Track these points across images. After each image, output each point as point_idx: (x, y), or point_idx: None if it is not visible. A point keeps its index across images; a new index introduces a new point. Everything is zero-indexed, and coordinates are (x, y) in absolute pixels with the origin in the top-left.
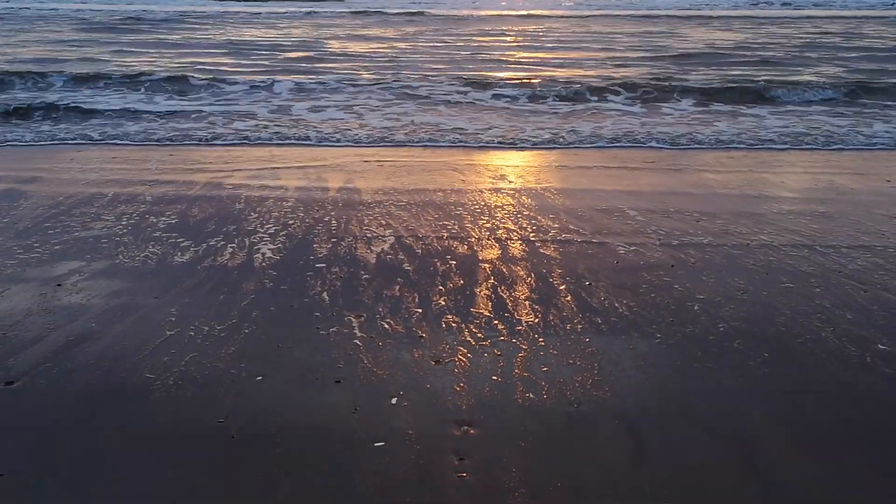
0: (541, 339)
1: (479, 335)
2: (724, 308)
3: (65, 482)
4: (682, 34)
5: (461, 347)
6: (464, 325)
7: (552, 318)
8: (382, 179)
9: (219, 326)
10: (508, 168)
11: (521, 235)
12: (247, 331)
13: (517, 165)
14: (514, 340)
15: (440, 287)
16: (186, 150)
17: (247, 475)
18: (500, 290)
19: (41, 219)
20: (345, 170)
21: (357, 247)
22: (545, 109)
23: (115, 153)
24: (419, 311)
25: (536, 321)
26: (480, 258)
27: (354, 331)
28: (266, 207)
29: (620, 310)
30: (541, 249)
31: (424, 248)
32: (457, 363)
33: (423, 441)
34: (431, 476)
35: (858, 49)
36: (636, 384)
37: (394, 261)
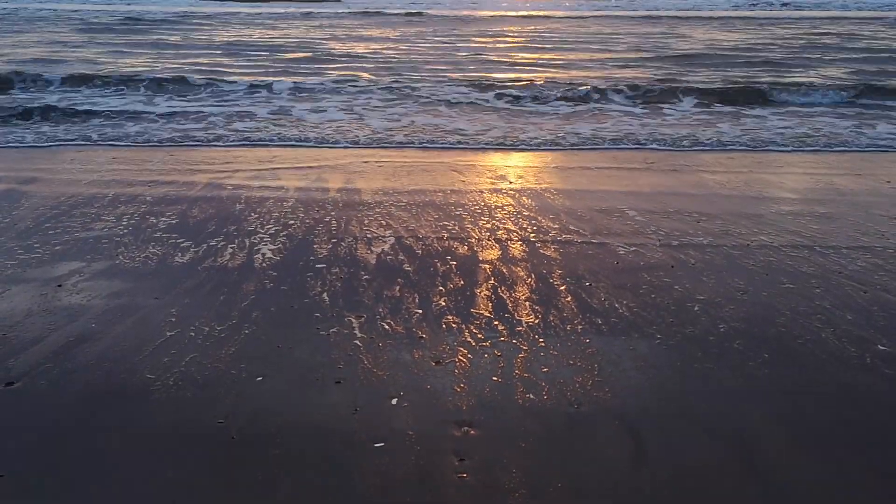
0: (541, 340)
1: (480, 336)
2: (725, 309)
3: (65, 482)
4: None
5: (461, 348)
6: (464, 326)
7: (552, 319)
8: (382, 180)
9: (219, 327)
10: (509, 169)
11: (522, 236)
12: (247, 331)
13: (517, 166)
14: (515, 341)
15: (440, 288)
16: (186, 151)
17: (247, 475)
18: (501, 291)
19: (41, 219)
20: (345, 170)
21: (357, 247)
22: (546, 110)
23: (116, 154)
24: (419, 312)
25: (536, 322)
26: (481, 259)
27: (355, 331)
28: (266, 208)
29: (620, 310)
30: (541, 250)
31: (425, 249)
32: (457, 364)
33: (424, 442)
34: (431, 476)
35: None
36: (636, 385)
37: (394, 261)
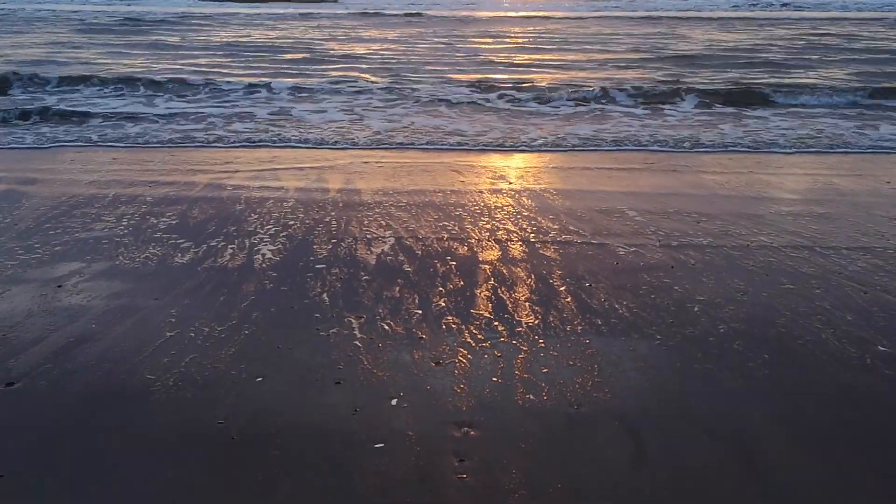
0: (541, 341)
1: (480, 336)
2: (724, 309)
3: (65, 482)
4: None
5: (461, 349)
6: (464, 327)
7: (552, 320)
8: (382, 180)
9: (219, 328)
10: (509, 169)
11: (521, 236)
12: (247, 332)
13: (517, 167)
14: (514, 342)
15: (440, 288)
16: (186, 152)
17: (247, 476)
18: (500, 292)
19: (42, 220)
20: (345, 171)
21: (357, 248)
22: (546, 111)
23: (116, 154)
24: (419, 313)
25: (536, 322)
26: (480, 259)
27: (354, 332)
28: (266, 208)
29: (620, 311)
30: (541, 251)
31: (424, 250)
32: (457, 364)
33: (424, 442)
34: (431, 477)
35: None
36: (636, 385)
37: (394, 262)
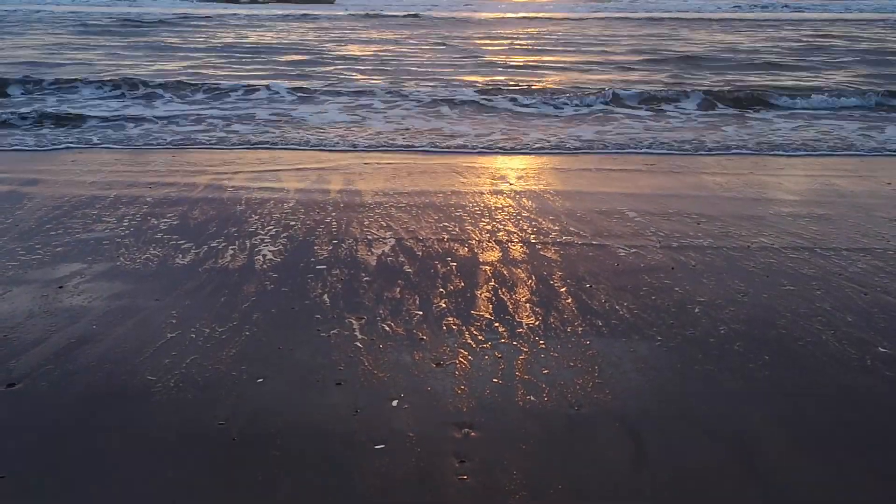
0: (541, 342)
1: (480, 337)
2: (725, 310)
3: (66, 483)
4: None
5: (462, 350)
6: (464, 328)
7: (553, 321)
8: (383, 181)
9: (220, 328)
10: (509, 171)
11: (522, 238)
12: (248, 333)
13: (518, 168)
14: (515, 343)
15: (441, 289)
16: (187, 153)
17: (247, 476)
18: (501, 293)
19: (43, 221)
20: (345, 172)
21: (358, 249)
22: (547, 112)
23: (116, 156)
24: (420, 314)
25: (537, 324)
26: (481, 260)
27: (355, 333)
28: (267, 209)
29: (621, 312)
30: (541, 252)
31: (425, 251)
32: (457, 366)
33: (424, 443)
34: (432, 478)
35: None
36: (637, 387)
37: (394, 263)
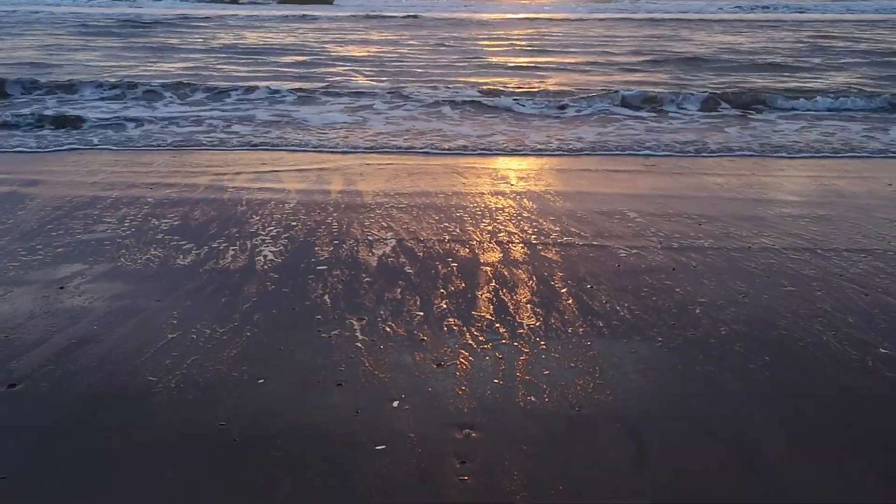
0: (542, 343)
1: (481, 338)
2: (726, 311)
3: (66, 483)
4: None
5: (463, 351)
6: (465, 329)
7: (553, 322)
8: (384, 182)
9: (220, 329)
10: (510, 172)
11: (523, 238)
12: (248, 334)
13: (519, 169)
14: (516, 344)
15: (441, 290)
16: (187, 154)
17: (248, 476)
18: (502, 294)
19: (44, 221)
20: (346, 173)
21: (358, 250)
22: (549, 114)
23: (117, 157)
24: (421, 315)
25: (538, 324)
26: (482, 261)
27: (356, 334)
28: (268, 210)
29: (622, 313)
30: (542, 252)
31: (426, 251)
32: (458, 366)
33: (425, 444)
34: (433, 479)
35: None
36: (637, 387)
37: (395, 264)
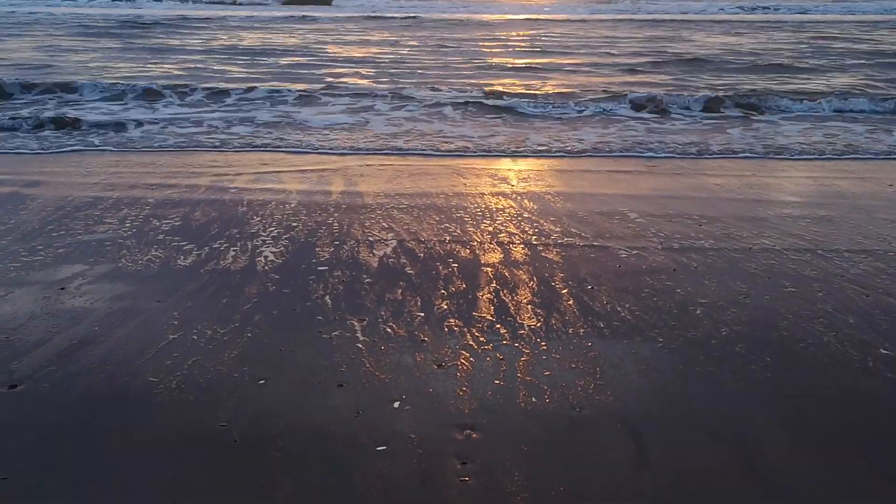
0: (543, 344)
1: (482, 339)
2: (727, 312)
3: (66, 483)
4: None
5: (463, 351)
6: (466, 329)
7: (554, 322)
8: (385, 183)
9: (221, 330)
10: (511, 173)
11: (523, 239)
12: (249, 334)
13: (520, 170)
14: (517, 344)
15: (442, 291)
16: (188, 155)
17: (248, 477)
18: (503, 294)
19: (45, 222)
20: (347, 174)
21: (359, 250)
22: (550, 115)
23: (118, 158)
24: (421, 315)
25: (538, 325)
26: (482, 262)
27: (357, 334)
28: (269, 211)
29: (622, 314)
30: (543, 253)
31: (427, 252)
32: (459, 367)
33: (426, 445)
34: (434, 480)
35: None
36: (638, 388)
37: (396, 264)
